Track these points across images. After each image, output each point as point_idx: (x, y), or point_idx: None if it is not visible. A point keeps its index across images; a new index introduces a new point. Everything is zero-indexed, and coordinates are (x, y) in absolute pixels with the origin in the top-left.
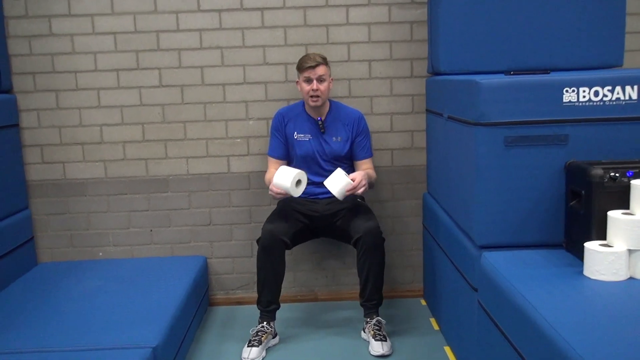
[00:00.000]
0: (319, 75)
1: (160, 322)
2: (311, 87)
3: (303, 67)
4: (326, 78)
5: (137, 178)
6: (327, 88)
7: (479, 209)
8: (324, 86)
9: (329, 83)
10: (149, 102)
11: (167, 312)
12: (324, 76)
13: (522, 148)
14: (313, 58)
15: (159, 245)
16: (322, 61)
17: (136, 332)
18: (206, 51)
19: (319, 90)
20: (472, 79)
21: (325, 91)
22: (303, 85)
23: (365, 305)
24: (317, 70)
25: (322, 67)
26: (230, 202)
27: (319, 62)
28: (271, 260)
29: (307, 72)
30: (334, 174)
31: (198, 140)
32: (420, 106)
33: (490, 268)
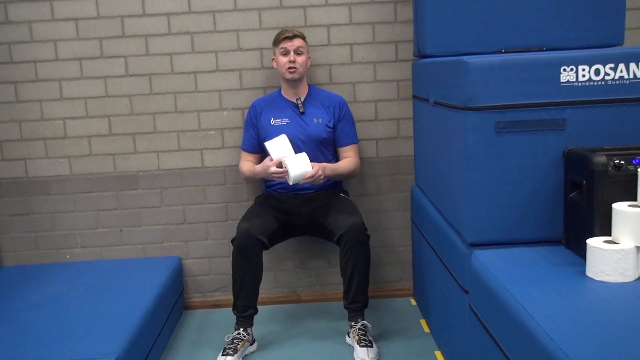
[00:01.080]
0: (296, 46)
1: (124, 331)
2: (288, 58)
3: (279, 38)
4: (304, 52)
5: (105, 175)
6: (304, 62)
7: (469, 202)
8: (302, 59)
9: (307, 59)
10: (115, 93)
11: (131, 320)
12: (301, 48)
13: (515, 134)
14: (291, 30)
15: (130, 246)
16: (299, 34)
17: (96, 343)
18: (175, 37)
19: (296, 62)
20: (459, 59)
21: (303, 64)
22: (280, 58)
23: (350, 307)
24: (294, 42)
25: (300, 39)
26: (205, 199)
27: (296, 34)
28: (248, 262)
29: (284, 43)
30: (299, 155)
31: (169, 133)
32: (406, 92)
33: (482, 268)
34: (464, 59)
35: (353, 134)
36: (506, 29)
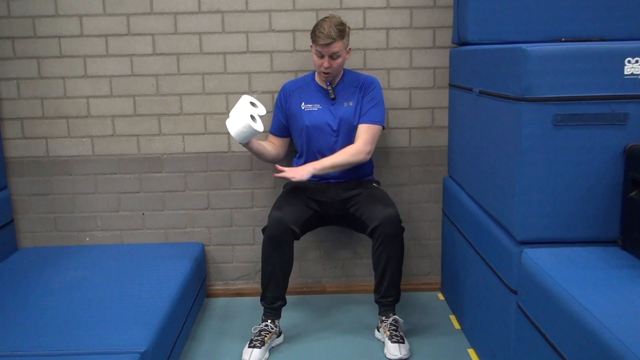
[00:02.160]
0: (332, 52)
1: (151, 322)
2: (322, 62)
3: (317, 41)
4: (341, 54)
5: (128, 156)
6: (341, 64)
7: (522, 198)
8: (337, 62)
9: (344, 58)
10: (141, 72)
11: (158, 310)
12: (338, 53)
13: (573, 128)
14: (328, 33)
15: (152, 231)
16: (337, 37)
17: (122, 334)
18: (205, 15)
19: (330, 68)
20: (516, 46)
21: (338, 67)
22: (315, 57)
23: (381, 302)
24: (330, 48)
25: (337, 43)
26: (230, 184)
27: (333, 39)
28: (279, 252)
29: (320, 47)
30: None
31: (195, 116)
32: (443, 81)
33: (535, 268)
34: (523, 47)
35: (373, 114)
36: (554, 18)
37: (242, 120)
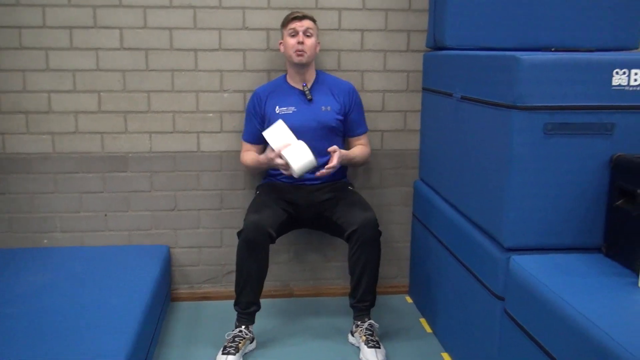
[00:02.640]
0: (305, 27)
1: (126, 330)
2: (297, 39)
3: (288, 18)
4: (313, 34)
5: (91, 155)
6: (313, 46)
7: (511, 206)
8: (311, 42)
9: (316, 42)
10: (107, 67)
11: (132, 317)
12: (311, 30)
13: (562, 137)
14: (300, 11)
15: (115, 232)
16: (309, 16)
17: (96, 344)
18: (176, 10)
19: (304, 45)
20: (509, 54)
21: (312, 48)
22: (287, 40)
23: (357, 306)
24: (303, 22)
25: (309, 21)
26: (198, 185)
27: (306, 15)
28: (255, 256)
29: (293, 24)
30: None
31: (164, 114)
32: (416, 84)
33: (524, 274)
34: (516, 55)
35: (364, 123)
36: (524, 26)
37: (307, 155)
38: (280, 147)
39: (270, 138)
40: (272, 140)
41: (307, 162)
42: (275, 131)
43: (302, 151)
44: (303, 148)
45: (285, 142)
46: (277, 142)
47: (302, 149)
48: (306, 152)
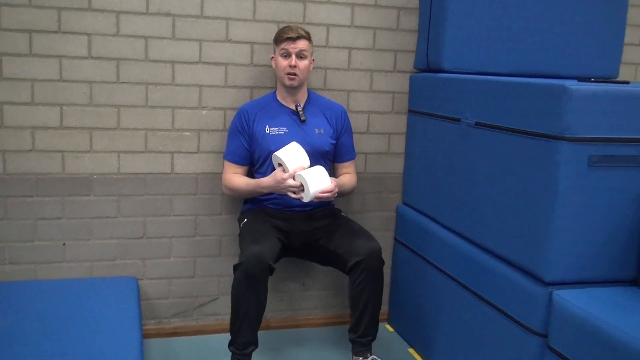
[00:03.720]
0: (299, 49)
1: None
2: (289, 62)
3: (282, 37)
4: (307, 55)
5: (50, 176)
6: (307, 68)
7: (555, 239)
8: (304, 64)
9: (309, 63)
10: (72, 77)
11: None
12: (305, 52)
13: (605, 169)
14: (295, 29)
15: (74, 264)
16: (305, 35)
17: None
18: (153, 17)
19: (297, 68)
20: (557, 83)
21: (305, 71)
22: (279, 60)
23: (358, 341)
24: (297, 44)
25: (305, 41)
26: (171, 210)
27: (301, 35)
28: (255, 291)
29: (286, 44)
30: (316, 169)
31: (135, 131)
32: (401, 106)
33: (573, 308)
34: (565, 85)
35: (353, 149)
36: (517, 53)
37: (326, 179)
38: (296, 169)
39: (286, 158)
40: (288, 160)
41: (325, 187)
42: (289, 152)
43: (321, 174)
44: (322, 171)
45: (300, 164)
46: (292, 163)
47: (321, 172)
48: (325, 176)
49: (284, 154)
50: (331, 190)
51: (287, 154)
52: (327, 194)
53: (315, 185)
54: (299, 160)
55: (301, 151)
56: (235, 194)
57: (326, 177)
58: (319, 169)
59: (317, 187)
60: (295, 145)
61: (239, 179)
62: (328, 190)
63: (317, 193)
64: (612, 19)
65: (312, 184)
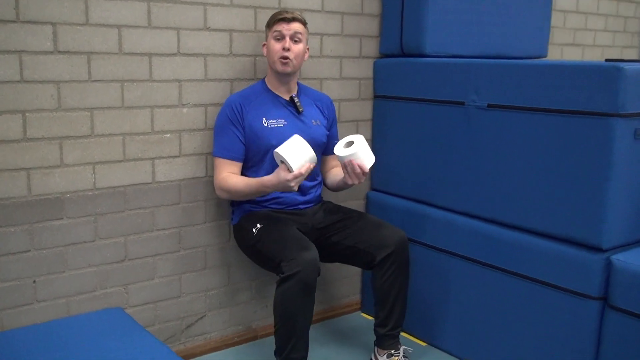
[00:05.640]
0: (294, 31)
1: None
2: (282, 44)
3: (275, 18)
4: (302, 40)
5: (13, 201)
6: (301, 53)
7: (611, 209)
8: (298, 49)
9: (304, 50)
10: (35, 76)
11: None
12: (300, 35)
13: None
14: (290, 12)
15: (47, 303)
16: (300, 18)
17: None
18: (126, 3)
19: (291, 52)
20: (610, 65)
21: (299, 56)
22: (272, 43)
23: (390, 334)
24: (292, 25)
25: (300, 24)
26: (153, 225)
27: (296, 17)
28: (311, 300)
29: (279, 25)
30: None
31: (111, 137)
32: (366, 92)
33: (635, 268)
34: (619, 65)
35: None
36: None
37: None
38: (300, 167)
39: (288, 156)
40: (291, 158)
41: (310, 157)
42: (292, 148)
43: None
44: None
45: (305, 161)
46: (296, 161)
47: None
48: (305, 148)
49: (286, 151)
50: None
51: (290, 150)
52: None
53: (297, 160)
54: (303, 155)
55: (304, 145)
56: (232, 196)
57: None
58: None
59: (300, 160)
60: (298, 139)
61: (237, 179)
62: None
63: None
64: (540, 5)
65: (293, 160)
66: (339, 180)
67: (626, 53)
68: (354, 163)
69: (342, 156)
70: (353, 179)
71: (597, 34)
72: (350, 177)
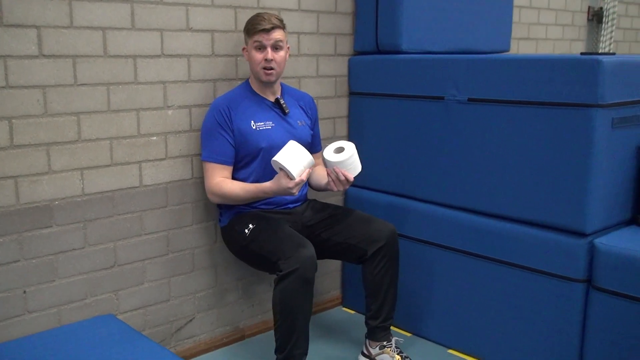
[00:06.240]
0: (275, 40)
1: None
2: (264, 55)
3: (255, 29)
4: (283, 45)
5: (1, 210)
6: (283, 59)
7: (592, 195)
8: (280, 56)
9: (286, 53)
10: (20, 81)
11: None
12: (280, 42)
13: (621, 129)
14: (268, 19)
15: (38, 314)
16: (279, 24)
17: None
18: (110, 4)
19: (273, 61)
20: (587, 58)
21: (282, 62)
22: (253, 53)
23: (382, 326)
24: (272, 34)
25: (279, 31)
26: (142, 229)
27: (275, 25)
28: (310, 296)
29: (260, 36)
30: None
31: (98, 142)
32: (341, 89)
33: (617, 250)
34: (598, 58)
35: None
36: (451, 32)
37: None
38: (301, 173)
39: (288, 163)
40: (290, 165)
41: (308, 161)
42: (290, 155)
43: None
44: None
45: (303, 166)
46: (295, 167)
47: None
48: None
49: (286, 159)
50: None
51: (289, 157)
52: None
53: (297, 167)
54: (301, 161)
55: (302, 151)
56: (225, 201)
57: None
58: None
59: (299, 167)
60: (294, 145)
61: (233, 185)
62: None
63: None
64: (503, 1)
65: (293, 168)
66: (324, 184)
67: (574, 46)
68: (337, 171)
69: (331, 162)
70: (338, 185)
71: (548, 28)
72: (334, 184)
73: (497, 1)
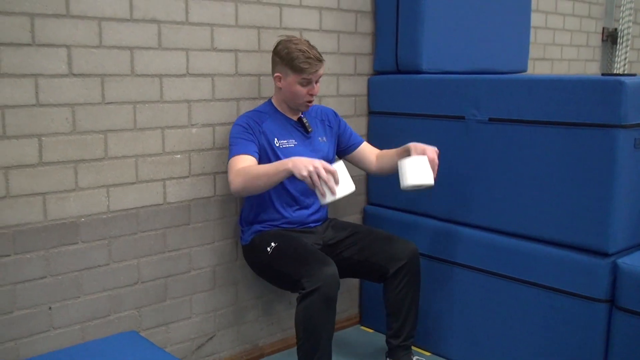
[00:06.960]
0: (319, 75)
1: None
2: (309, 90)
3: (303, 68)
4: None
5: (29, 227)
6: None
7: (615, 215)
8: (318, 86)
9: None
10: (50, 100)
11: None
12: (322, 75)
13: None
14: (315, 56)
15: (63, 330)
16: (322, 58)
17: None
18: (138, 24)
19: (315, 92)
20: (612, 79)
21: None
22: (297, 88)
23: (404, 345)
24: (319, 72)
25: (323, 65)
26: (165, 246)
27: (320, 60)
28: (333, 314)
29: (309, 75)
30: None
31: (124, 159)
32: (361, 108)
33: None
34: (620, 79)
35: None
36: (471, 53)
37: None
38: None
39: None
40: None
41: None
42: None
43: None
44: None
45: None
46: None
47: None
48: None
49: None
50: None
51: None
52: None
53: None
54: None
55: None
56: (246, 182)
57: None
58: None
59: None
60: (339, 165)
61: (252, 167)
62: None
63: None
64: (521, 22)
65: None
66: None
67: (589, 66)
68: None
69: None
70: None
71: (563, 49)
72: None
73: (515, 22)
